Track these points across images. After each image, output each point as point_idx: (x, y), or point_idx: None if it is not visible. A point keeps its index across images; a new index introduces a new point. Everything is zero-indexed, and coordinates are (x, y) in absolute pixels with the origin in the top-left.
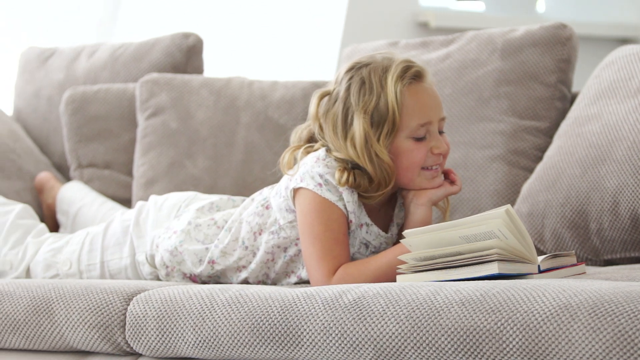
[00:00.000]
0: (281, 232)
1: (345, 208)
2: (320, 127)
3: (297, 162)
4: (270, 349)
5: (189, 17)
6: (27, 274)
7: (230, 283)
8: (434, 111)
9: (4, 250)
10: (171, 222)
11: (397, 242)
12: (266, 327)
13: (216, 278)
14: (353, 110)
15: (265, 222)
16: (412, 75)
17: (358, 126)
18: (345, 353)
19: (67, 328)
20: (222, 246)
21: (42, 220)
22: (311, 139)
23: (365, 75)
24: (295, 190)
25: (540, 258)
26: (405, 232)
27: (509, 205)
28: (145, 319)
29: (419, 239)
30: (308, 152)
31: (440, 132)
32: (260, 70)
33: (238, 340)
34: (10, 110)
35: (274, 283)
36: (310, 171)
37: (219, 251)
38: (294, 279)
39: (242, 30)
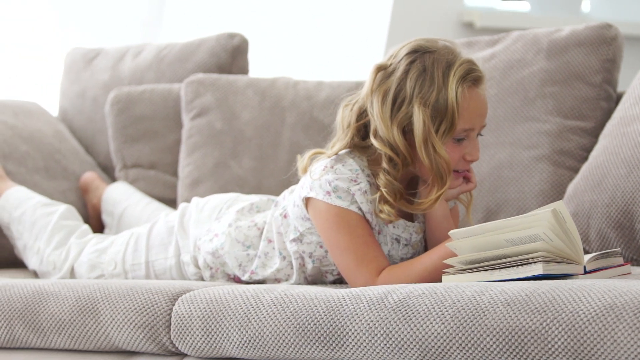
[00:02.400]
0: (303, 238)
1: (360, 209)
2: (372, 103)
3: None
4: (316, 349)
5: (234, 18)
6: (72, 274)
7: None
8: (480, 119)
9: (47, 250)
10: (212, 223)
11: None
12: (311, 327)
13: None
14: (407, 95)
15: (287, 231)
16: (472, 78)
17: (418, 118)
18: (390, 353)
19: (112, 328)
20: (264, 257)
21: (87, 220)
22: (360, 116)
23: (428, 65)
24: (307, 199)
25: (586, 258)
26: (451, 233)
27: (555, 207)
28: (191, 319)
29: (464, 243)
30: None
31: (478, 134)
32: (306, 71)
33: (283, 341)
34: (56, 110)
35: (312, 284)
36: (319, 179)
37: (260, 262)
38: (330, 277)
39: (288, 30)
